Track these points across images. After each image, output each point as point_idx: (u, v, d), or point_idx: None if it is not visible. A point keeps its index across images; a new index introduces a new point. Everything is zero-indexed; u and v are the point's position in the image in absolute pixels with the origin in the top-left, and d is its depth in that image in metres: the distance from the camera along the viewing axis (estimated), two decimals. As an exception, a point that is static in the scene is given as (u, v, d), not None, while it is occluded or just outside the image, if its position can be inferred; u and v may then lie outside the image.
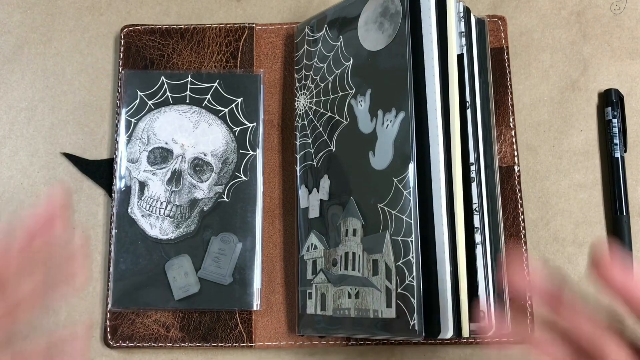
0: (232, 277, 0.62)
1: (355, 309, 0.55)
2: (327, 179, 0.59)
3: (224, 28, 0.67)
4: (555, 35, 0.67)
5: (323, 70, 0.62)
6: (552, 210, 0.63)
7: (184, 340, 0.61)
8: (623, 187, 0.62)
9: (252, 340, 0.61)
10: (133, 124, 0.65)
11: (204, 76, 0.65)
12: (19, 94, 0.68)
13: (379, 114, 0.56)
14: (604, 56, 0.67)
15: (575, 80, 0.66)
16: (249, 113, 0.65)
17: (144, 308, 0.61)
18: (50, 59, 0.69)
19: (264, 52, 0.67)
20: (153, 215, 0.63)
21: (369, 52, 0.58)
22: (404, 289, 0.51)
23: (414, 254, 0.51)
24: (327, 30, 0.62)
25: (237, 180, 0.64)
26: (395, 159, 0.54)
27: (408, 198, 0.52)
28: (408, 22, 0.55)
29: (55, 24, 0.70)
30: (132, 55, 0.67)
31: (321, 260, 0.59)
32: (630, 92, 0.66)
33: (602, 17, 0.68)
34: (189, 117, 0.65)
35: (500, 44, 0.66)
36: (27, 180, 0.66)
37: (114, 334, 0.61)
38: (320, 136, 0.61)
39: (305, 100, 0.63)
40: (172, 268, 0.62)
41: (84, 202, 0.65)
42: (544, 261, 0.60)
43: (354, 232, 0.56)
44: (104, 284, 0.63)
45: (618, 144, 0.63)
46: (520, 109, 0.66)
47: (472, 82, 0.57)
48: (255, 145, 0.64)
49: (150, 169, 0.64)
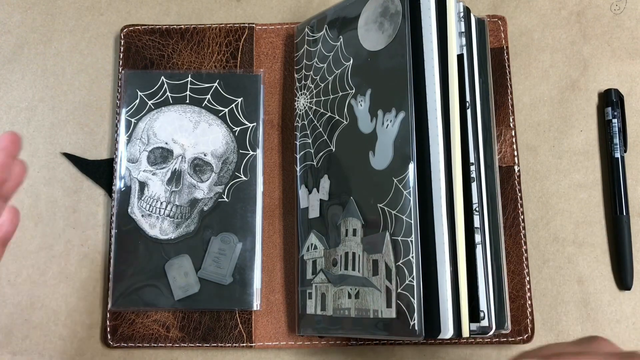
0: (232, 277, 0.62)
1: (355, 309, 0.55)
2: (327, 179, 0.59)
3: (224, 28, 0.67)
4: (555, 35, 0.67)
5: (323, 70, 0.62)
6: (552, 210, 0.63)
7: (184, 340, 0.61)
8: (623, 187, 0.62)
9: (252, 341, 0.61)
10: (133, 124, 0.65)
11: (204, 76, 0.65)
12: (19, 94, 0.68)
13: (379, 114, 0.56)
14: (604, 56, 0.67)
15: (575, 80, 0.66)
16: (249, 113, 0.65)
17: (144, 308, 0.61)
18: (50, 59, 0.69)
19: (264, 52, 0.67)
20: (153, 215, 0.63)
21: (369, 52, 0.58)
22: (404, 289, 0.51)
23: (414, 254, 0.51)
24: (327, 30, 0.62)
25: (237, 180, 0.64)
26: (395, 159, 0.54)
27: (408, 198, 0.52)
28: (408, 22, 0.55)
29: (55, 24, 0.70)
30: (132, 55, 0.67)
31: (321, 260, 0.59)
32: (630, 92, 0.66)
33: (602, 17, 0.68)
34: (189, 117, 0.65)
35: (500, 44, 0.66)
36: (27, 180, 0.66)
37: (114, 334, 0.61)
38: (320, 136, 0.61)
39: (305, 100, 0.63)
40: (172, 268, 0.62)
41: (84, 202, 0.65)
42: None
43: (354, 232, 0.56)
44: (104, 284, 0.63)
45: (618, 144, 0.63)
46: (520, 109, 0.66)
47: (472, 82, 0.57)
48: (255, 145, 0.64)
49: (150, 169, 0.64)
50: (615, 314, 0.61)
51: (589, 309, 0.61)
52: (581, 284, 0.62)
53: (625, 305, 0.61)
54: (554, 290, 0.62)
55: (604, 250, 0.63)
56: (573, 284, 0.62)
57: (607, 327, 0.61)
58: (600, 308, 0.61)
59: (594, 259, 0.62)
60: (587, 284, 0.62)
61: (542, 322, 0.61)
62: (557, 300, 0.61)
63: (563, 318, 0.61)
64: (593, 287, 0.62)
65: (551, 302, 0.61)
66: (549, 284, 0.62)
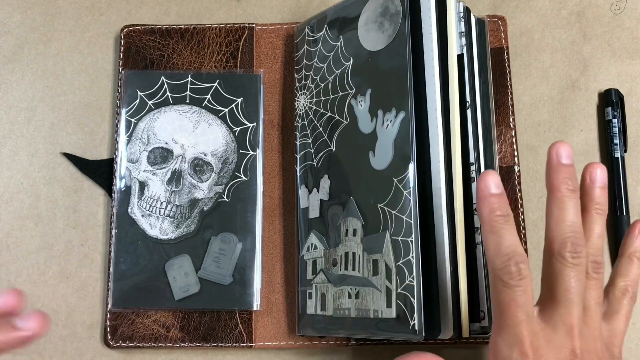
0: (232, 277, 0.62)
1: (355, 309, 0.55)
2: (327, 179, 0.59)
3: (224, 28, 0.67)
4: (555, 35, 0.67)
5: (323, 70, 0.62)
6: (552, 210, 0.63)
7: (184, 340, 0.61)
8: (623, 187, 0.62)
9: (252, 341, 0.61)
10: (133, 124, 0.65)
11: (204, 76, 0.65)
12: (19, 94, 0.68)
13: (379, 114, 0.56)
14: (604, 56, 0.67)
15: (575, 80, 0.66)
16: (249, 113, 0.65)
17: (144, 308, 0.61)
18: (50, 59, 0.69)
19: (264, 52, 0.67)
20: (153, 215, 0.63)
21: (369, 52, 0.58)
22: (404, 289, 0.51)
23: (414, 254, 0.51)
24: (327, 30, 0.62)
25: (237, 180, 0.64)
26: (395, 159, 0.54)
27: (408, 198, 0.52)
28: (408, 22, 0.55)
29: (55, 24, 0.70)
30: (132, 55, 0.67)
31: (321, 260, 0.59)
32: (630, 92, 0.66)
33: (602, 17, 0.68)
34: (189, 117, 0.65)
35: (500, 44, 0.66)
36: (27, 180, 0.66)
37: (114, 334, 0.61)
38: (320, 136, 0.61)
39: (305, 100, 0.63)
40: (172, 268, 0.62)
41: (84, 202, 0.65)
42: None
43: (354, 232, 0.56)
44: (104, 284, 0.63)
45: (618, 144, 0.63)
46: (520, 109, 0.66)
47: (472, 82, 0.57)
48: (255, 145, 0.64)
49: (150, 169, 0.64)
50: (615, 314, 0.61)
51: (589, 309, 0.61)
52: (581, 284, 0.62)
53: (625, 305, 0.61)
54: (554, 290, 0.62)
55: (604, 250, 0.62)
56: (573, 284, 0.62)
57: (607, 327, 0.61)
58: (600, 308, 0.61)
59: (594, 259, 0.62)
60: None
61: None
62: (557, 300, 0.61)
63: (563, 318, 0.61)
64: (593, 287, 0.62)
65: (551, 302, 0.61)
66: (549, 284, 0.62)
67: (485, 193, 0.45)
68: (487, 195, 0.45)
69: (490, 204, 0.45)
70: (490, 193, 0.45)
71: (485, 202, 0.45)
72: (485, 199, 0.45)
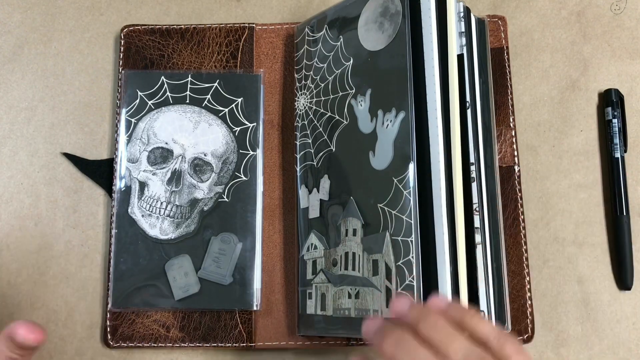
0: (232, 277, 0.62)
1: (355, 309, 0.55)
2: (327, 179, 0.59)
3: (224, 28, 0.67)
4: (555, 35, 0.67)
5: (323, 70, 0.62)
6: (552, 210, 0.63)
7: (184, 340, 0.61)
8: (623, 187, 0.62)
9: (252, 340, 0.61)
10: (133, 124, 0.65)
11: (204, 76, 0.65)
12: (19, 94, 0.68)
13: (379, 114, 0.56)
14: (604, 56, 0.67)
15: (575, 80, 0.66)
16: (249, 113, 0.65)
17: (144, 308, 0.61)
18: (50, 59, 0.69)
19: (264, 52, 0.67)
20: (153, 215, 0.63)
21: (369, 52, 0.58)
22: (404, 289, 0.51)
23: (414, 254, 0.51)
24: (327, 30, 0.62)
25: (237, 180, 0.64)
26: (395, 159, 0.54)
27: (408, 198, 0.52)
28: (408, 22, 0.55)
29: (55, 24, 0.70)
30: (132, 55, 0.67)
31: (321, 260, 0.59)
32: (630, 92, 0.66)
33: (602, 17, 0.68)
34: (189, 117, 0.65)
35: (500, 44, 0.66)
36: (27, 180, 0.66)
37: (114, 334, 0.61)
38: (320, 136, 0.61)
39: (305, 100, 0.63)
40: (172, 268, 0.62)
41: (84, 202, 0.65)
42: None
43: (354, 232, 0.56)
44: (104, 284, 0.63)
45: (618, 144, 0.63)
46: (520, 109, 0.66)
47: (472, 82, 0.57)
48: (255, 145, 0.64)
49: (151, 169, 0.64)
50: (615, 314, 0.61)
51: (589, 309, 0.61)
52: (581, 284, 0.62)
53: (625, 305, 0.61)
54: (554, 290, 0.62)
55: (604, 251, 0.63)
56: (573, 284, 0.62)
57: (607, 327, 0.61)
58: (601, 308, 0.61)
59: (594, 259, 0.62)
60: (587, 284, 0.62)
61: (542, 322, 0.61)
62: (557, 300, 0.61)
63: (563, 318, 0.61)
64: (593, 287, 0.62)
65: (551, 302, 0.61)
66: (549, 284, 0.62)
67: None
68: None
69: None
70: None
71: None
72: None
